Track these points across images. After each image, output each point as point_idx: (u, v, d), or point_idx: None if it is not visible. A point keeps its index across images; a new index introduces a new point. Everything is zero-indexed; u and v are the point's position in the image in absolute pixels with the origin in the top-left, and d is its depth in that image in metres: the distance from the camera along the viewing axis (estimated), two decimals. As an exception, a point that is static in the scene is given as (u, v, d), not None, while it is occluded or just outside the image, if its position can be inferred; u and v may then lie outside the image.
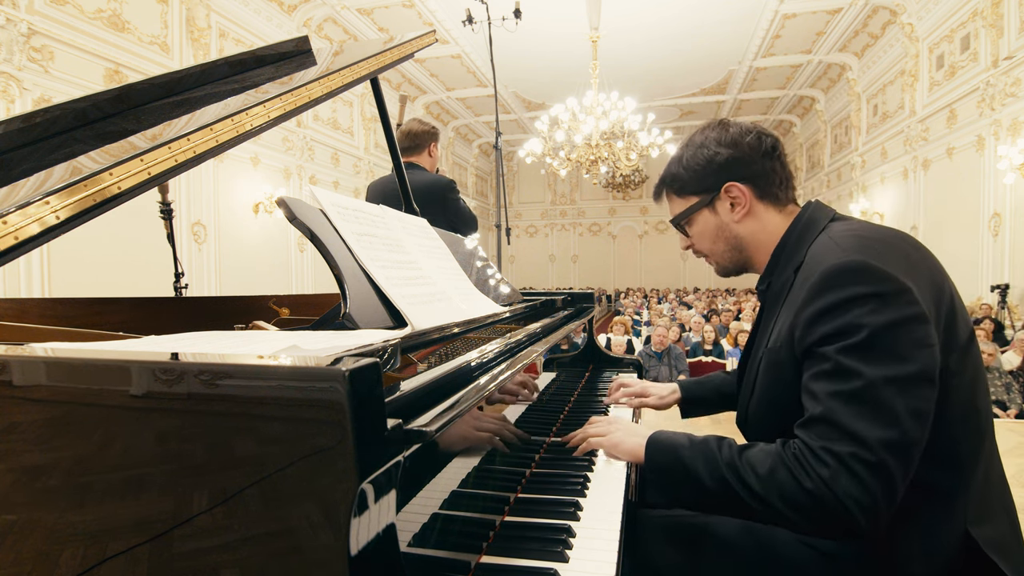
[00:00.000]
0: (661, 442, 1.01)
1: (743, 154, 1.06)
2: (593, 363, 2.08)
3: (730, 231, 1.11)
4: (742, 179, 1.07)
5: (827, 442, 0.80)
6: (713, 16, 8.63)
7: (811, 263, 0.95)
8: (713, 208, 1.11)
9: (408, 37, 1.57)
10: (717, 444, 0.94)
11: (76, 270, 5.18)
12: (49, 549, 0.55)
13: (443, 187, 2.73)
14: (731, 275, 1.21)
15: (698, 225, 1.14)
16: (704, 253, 1.19)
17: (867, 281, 0.84)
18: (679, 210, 1.15)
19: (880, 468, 0.77)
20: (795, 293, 0.96)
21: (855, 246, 0.90)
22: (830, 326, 0.85)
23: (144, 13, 5.92)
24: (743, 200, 1.08)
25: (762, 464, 0.86)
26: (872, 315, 0.82)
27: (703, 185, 1.10)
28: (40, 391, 0.58)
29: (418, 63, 10.24)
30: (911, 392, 0.80)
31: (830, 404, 0.82)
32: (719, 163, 1.07)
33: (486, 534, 0.84)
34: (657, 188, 1.20)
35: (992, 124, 7.00)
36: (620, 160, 9.15)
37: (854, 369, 0.81)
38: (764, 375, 1.02)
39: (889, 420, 0.78)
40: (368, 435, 0.49)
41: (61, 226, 0.67)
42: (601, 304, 12.33)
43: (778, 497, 0.83)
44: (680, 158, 1.13)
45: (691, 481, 0.92)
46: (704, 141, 1.09)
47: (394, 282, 1.02)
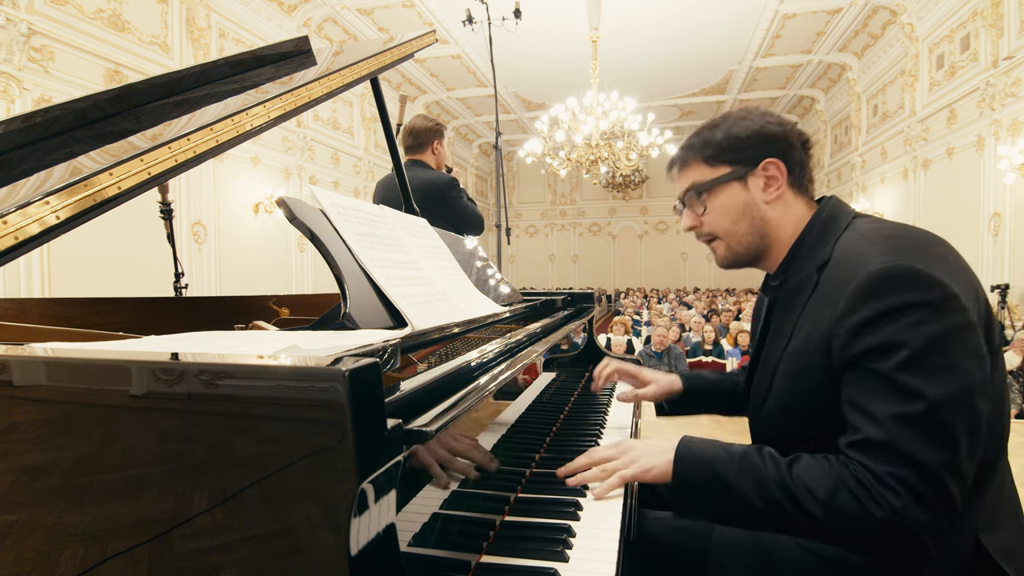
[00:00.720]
0: (694, 456, 0.92)
1: (788, 135, 1.01)
2: (593, 363, 2.08)
3: (758, 212, 1.02)
4: (783, 159, 1.00)
5: (893, 468, 0.76)
6: (713, 16, 8.62)
7: (844, 263, 0.90)
8: (745, 183, 1.02)
9: (408, 37, 1.57)
10: (760, 458, 0.87)
11: (76, 270, 5.17)
12: (49, 549, 0.55)
13: (443, 185, 2.68)
14: (737, 266, 1.10)
15: (722, 199, 1.03)
16: (715, 235, 1.07)
17: (915, 288, 0.80)
18: (704, 178, 1.04)
19: (945, 495, 0.75)
20: (825, 295, 0.91)
21: (896, 248, 0.85)
22: (877, 337, 0.80)
23: (144, 13, 5.91)
24: (779, 180, 1.01)
25: (819, 485, 0.81)
26: (922, 326, 0.78)
27: (741, 155, 1.01)
28: (40, 391, 0.58)
29: (418, 63, 10.24)
30: (970, 409, 0.77)
31: (892, 428, 0.77)
32: (766, 135, 1.00)
33: (486, 534, 0.84)
34: (678, 155, 1.09)
35: (992, 124, 7.00)
36: (620, 160, 9.14)
37: (914, 390, 0.77)
38: (784, 380, 0.97)
39: (952, 443, 0.76)
40: (368, 435, 0.49)
41: (61, 226, 0.67)
42: (601, 304, 12.33)
43: (841, 523, 0.79)
44: (718, 125, 1.04)
45: (734, 500, 0.86)
46: (748, 115, 1.02)
47: (394, 282, 1.02)
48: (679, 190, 1.10)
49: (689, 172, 1.07)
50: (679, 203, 1.11)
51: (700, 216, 1.07)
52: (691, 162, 1.06)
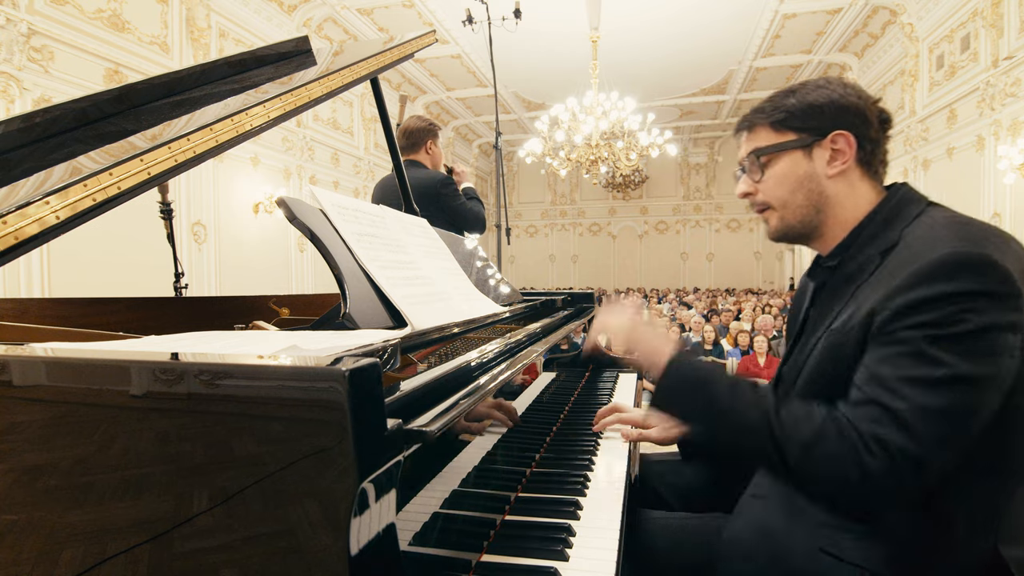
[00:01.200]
0: (687, 362, 0.96)
1: (866, 110, 0.96)
2: (593, 363, 2.08)
3: (818, 185, 0.98)
4: (855, 134, 0.96)
5: (882, 430, 0.77)
6: (713, 16, 8.62)
7: (912, 247, 0.87)
8: (809, 153, 0.98)
9: (408, 37, 1.57)
10: (754, 390, 0.90)
11: (76, 270, 5.17)
12: (49, 549, 0.55)
13: (436, 183, 2.65)
14: (787, 240, 1.06)
15: (782, 167, 1.00)
16: (769, 204, 1.04)
17: (985, 277, 0.78)
18: (768, 143, 1.01)
19: (924, 465, 0.75)
20: (883, 278, 0.88)
21: (972, 236, 0.82)
22: (928, 315, 0.78)
23: (144, 13, 5.91)
24: (846, 156, 0.96)
25: (804, 430, 0.82)
26: (979, 314, 0.76)
27: (811, 123, 0.97)
28: (40, 391, 0.58)
29: (418, 63, 10.23)
30: (981, 397, 0.77)
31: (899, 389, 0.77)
32: (841, 106, 0.96)
33: (487, 533, 0.84)
34: (749, 116, 1.05)
35: (992, 124, 7.00)
36: (620, 160, 9.14)
37: (938, 358, 0.76)
38: (819, 356, 0.94)
39: (951, 418, 0.75)
40: (368, 435, 0.49)
41: (61, 226, 0.67)
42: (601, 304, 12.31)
43: (813, 470, 0.80)
44: (792, 91, 1.00)
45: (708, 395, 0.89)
46: (828, 83, 0.98)
47: (394, 282, 1.02)
48: (741, 153, 1.06)
49: (754, 136, 1.03)
50: (739, 167, 1.08)
51: (756, 183, 1.03)
52: (758, 126, 1.03)
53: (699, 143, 16.50)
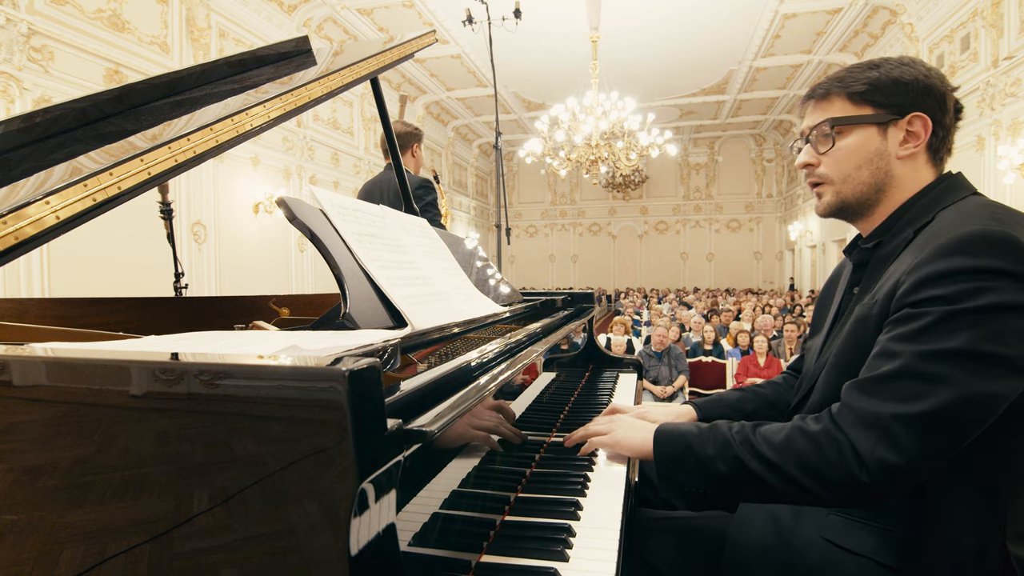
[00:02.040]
0: (669, 431, 0.96)
1: (945, 96, 0.96)
2: (593, 363, 2.08)
3: (886, 164, 0.97)
4: (932, 118, 0.95)
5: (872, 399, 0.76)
6: (713, 16, 8.63)
7: (942, 223, 0.87)
8: (884, 130, 0.96)
9: (408, 37, 1.57)
10: (728, 425, 0.90)
11: (76, 270, 5.17)
12: (49, 549, 0.55)
13: (413, 185, 2.71)
14: (838, 215, 1.04)
15: (854, 140, 0.97)
16: (828, 178, 1.01)
17: (1007, 256, 0.76)
18: (843, 114, 0.98)
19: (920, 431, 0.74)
20: (912, 251, 0.87)
21: (1000, 218, 0.81)
22: (944, 289, 0.77)
23: (144, 13, 5.91)
24: (919, 139, 0.95)
25: (777, 434, 0.83)
26: (997, 293, 0.75)
27: (893, 100, 0.95)
28: (40, 391, 0.58)
29: (418, 63, 10.24)
30: (993, 376, 0.74)
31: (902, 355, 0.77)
32: (925, 86, 0.94)
33: (486, 533, 0.84)
34: (826, 83, 1.01)
35: (992, 124, 7.00)
36: (620, 160, 9.14)
37: (949, 333, 0.75)
38: (844, 335, 0.94)
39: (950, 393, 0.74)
40: (368, 435, 0.49)
41: (61, 226, 0.67)
42: (601, 304, 12.33)
43: (795, 464, 0.80)
44: (876, 65, 0.97)
45: (703, 467, 0.88)
46: (912, 62, 0.96)
47: (394, 282, 1.02)
48: (809, 122, 1.03)
49: (828, 105, 1.00)
50: (800, 139, 1.05)
51: (821, 154, 1.01)
52: (833, 94, 1.00)
53: (699, 143, 16.51)
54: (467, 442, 0.87)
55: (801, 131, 1.05)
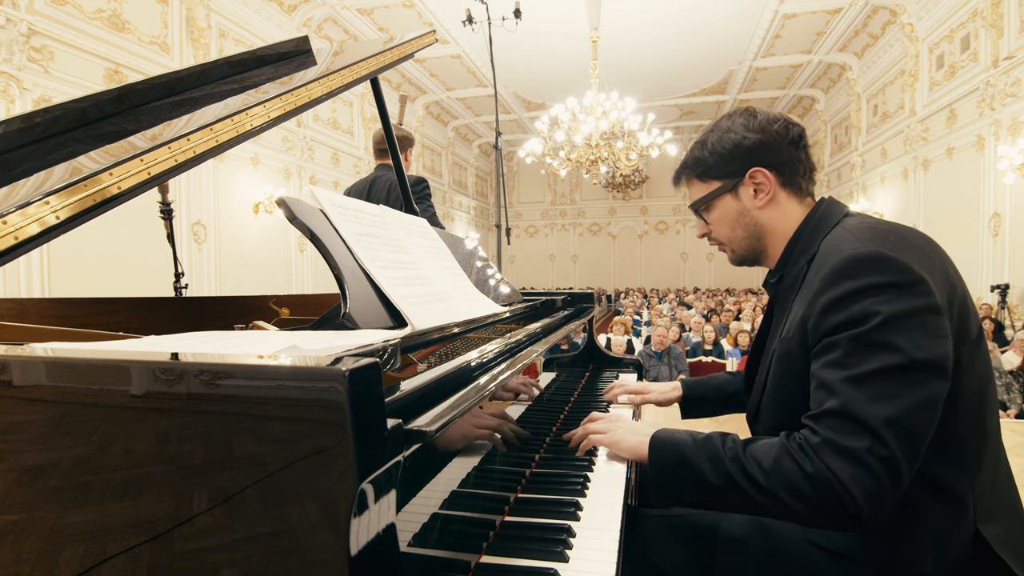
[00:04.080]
0: (664, 440, 1.00)
1: (771, 140, 1.05)
2: (593, 363, 2.08)
3: (751, 218, 1.09)
4: (768, 165, 1.05)
5: (835, 433, 0.80)
6: (713, 16, 8.63)
7: (825, 254, 0.95)
8: (736, 193, 1.09)
9: (408, 37, 1.57)
10: (721, 440, 0.93)
11: (76, 270, 5.17)
12: (49, 549, 0.55)
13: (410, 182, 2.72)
14: (745, 264, 1.19)
15: (718, 211, 1.12)
16: (721, 241, 1.17)
17: (883, 271, 0.84)
18: (700, 195, 1.13)
19: (887, 458, 0.77)
20: (808, 284, 0.96)
21: (870, 237, 0.90)
22: (844, 314, 0.85)
23: (144, 13, 5.91)
24: (767, 186, 1.06)
25: (766, 456, 0.86)
26: (886, 304, 0.82)
27: (728, 169, 1.08)
28: (40, 391, 0.58)
29: (418, 63, 10.24)
30: (922, 382, 0.80)
31: (840, 390, 0.82)
32: (746, 147, 1.05)
33: (486, 534, 0.84)
34: (677, 173, 1.18)
35: (992, 124, 7.00)
36: (620, 160, 9.14)
37: (865, 356, 0.81)
38: (775, 368, 1.01)
39: (897, 408, 0.78)
40: (368, 435, 0.49)
41: (61, 226, 0.67)
42: (601, 304, 12.33)
43: (784, 488, 0.83)
44: (704, 142, 1.11)
45: (696, 478, 0.92)
46: (731, 126, 1.07)
47: (394, 282, 1.02)
48: (689, 201, 1.19)
49: (690, 187, 1.16)
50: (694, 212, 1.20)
51: (707, 225, 1.17)
52: (687, 181, 1.16)
53: (699, 143, 16.47)
54: (470, 442, 0.87)
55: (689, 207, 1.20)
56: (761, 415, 1.07)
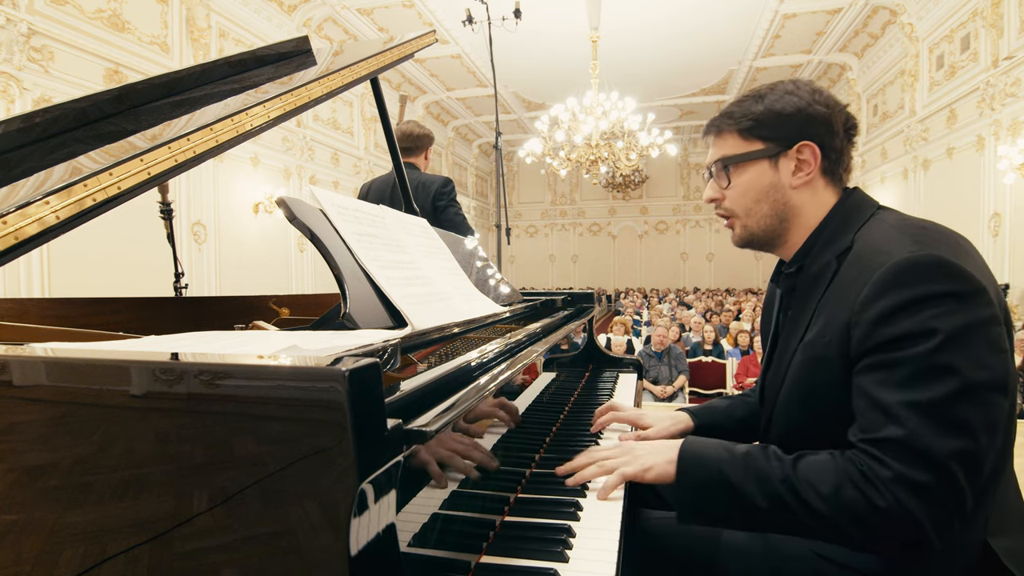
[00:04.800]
0: (697, 454, 0.90)
1: (832, 119, 0.96)
2: (593, 363, 2.08)
3: (782, 195, 0.98)
4: (820, 144, 0.96)
5: (905, 467, 0.75)
6: (713, 16, 8.62)
7: (867, 252, 0.87)
8: (775, 163, 0.97)
9: (408, 37, 1.57)
10: (764, 456, 0.86)
11: (76, 270, 5.17)
12: (49, 549, 0.55)
13: (438, 182, 2.70)
14: (751, 247, 1.06)
15: (748, 176, 0.99)
16: (733, 212, 1.03)
17: (943, 279, 0.78)
18: (734, 152, 1.00)
19: (954, 488, 0.74)
20: (846, 284, 0.88)
21: (923, 239, 0.82)
22: (901, 327, 0.78)
23: (144, 13, 5.91)
24: (811, 166, 0.96)
25: (823, 481, 0.80)
26: (947, 317, 0.76)
27: (779, 133, 0.96)
28: (40, 391, 0.58)
29: (418, 63, 10.23)
30: (987, 401, 0.75)
31: (904, 416, 0.76)
32: (808, 116, 0.95)
33: (486, 534, 0.84)
34: (715, 122, 1.03)
35: (992, 124, 7.00)
36: (620, 160, 9.14)
37: (928, 380, 0.75)
38: (798, 371, 0.94)
39: (965, 435, 0.74)
40: (368, 435, 0.49)
41: (61, 226, 0.67)
42: (601, 304, 12.32)
43: (847, 518, 0.78)
44: (762, 96, 0.98)
45: (739, 500, 0.84)
46: (796, 90, 0.97)
47: (394, 282, 1.02)
48: (709, 158, 1.05)
49: (721, 142, 1.02)
50: (707, 171, 1.07)
51: (723, 189, 1.03)
52: (725, 131, 1.01)
53: (699, 143, 16.48)
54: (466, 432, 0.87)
55: (706, 166, 1.06)
56: (777, 416, 1.00)
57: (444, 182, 2.74)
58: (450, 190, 2.74)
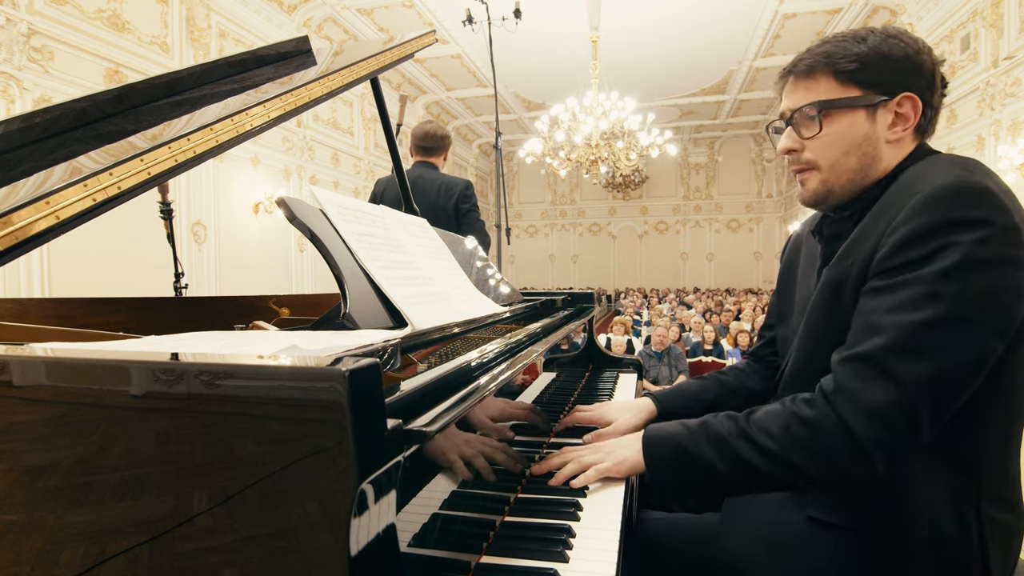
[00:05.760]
0: (656, 436, 0.94)
1: (935, 72, 0.88)
2: (593, 363, 2.08)
3: (875, 149, 0.89)
4: (922, 98, 0.88)
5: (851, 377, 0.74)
6: (713, 16, 8.62)
7: (910, 179, 0.83)
8: (873, 113, 0.88)
9: (408, 37, 1.57)
10: (718, 419, 0.87)
11: (76, 270, 5.17)
12: (49, 549, 0.55)
13: (461, 185, 2.74)
14: (821, 205, 0.96)
15: (840, 125, 0.89)
16: (815, 163, 0.92)
17: (983, 207, 0.73)
18: (829, 96, 0.89)
19: (908, 413, 0.72)
20: (882, 210, 0.83)
21: (976, 169, 0.78)
22: (924, 249, 0.74)
23: (144, 13, 5.91)
24: (910, 120, 0.88)
25: (774, 422, 0.81)
26: (975, 245, 0.72)
27: (882, 79, 0.87)
28: (40, 391, 0.58)
29: (418, 63, 10.23)
30: (980, 338, 0.73)
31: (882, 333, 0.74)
32: (916, 64, 0.87)
33: (486, 534, 0.84)
34: (809, 59, 0.91)
35: (992, 124, 7.00)
36: (620, 160, 9.14)
37: (930, 301, 0.72)
38: (818, 299, 0.90)
39: (940, 365, 0.72)
40: (368, 435, 0.49)
41: (61, 226, 0.67)
42: (601, 304, 12.32)
43: (797, 449, 0.77)
44: (863, 38, 0.88)
45: (699, 469, 0.86)
46: (901, 36, 0.88)
47: (394, 282, 1.02)
48: (791, 102, 0.94)
49: (813, 83, 0.91)
50: (780, 121, 0.96)
51: (806, 139, 0.92)
52: (819, 72, 0.90)
53: (699, 143, 16.50)
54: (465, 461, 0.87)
55: (782, 112, 0.96)
56: (794, 358, 0.97)
57: (467, 185, 2.77)
58: (472, 194, 2.79)
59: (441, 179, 2.76)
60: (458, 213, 2.69)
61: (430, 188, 2.75)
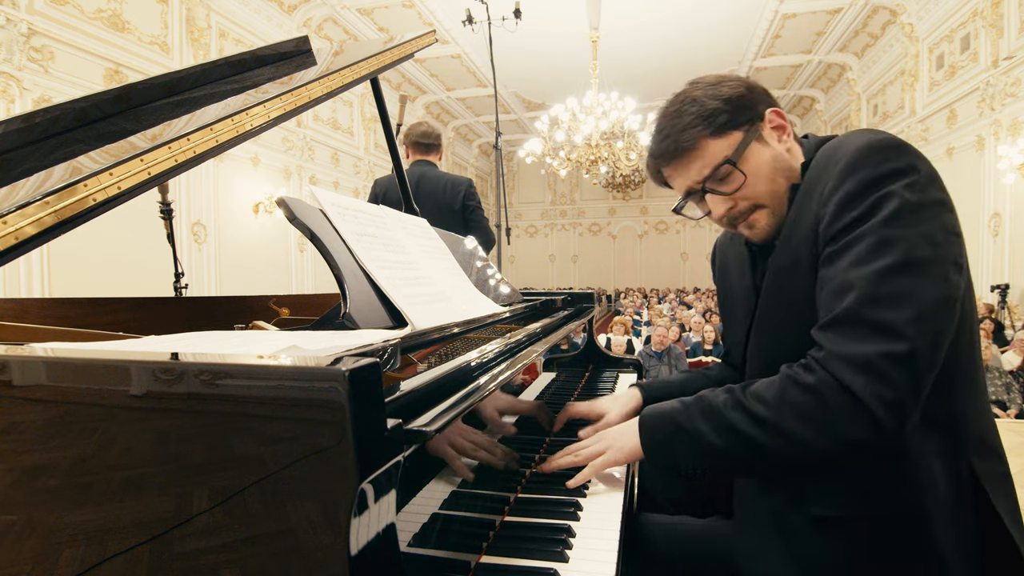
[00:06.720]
0: (652, 416, 0.93)
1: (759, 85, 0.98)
2: (593, 363, 2.08)
3: (786, 160, 0.95)
4: (777, 108, 0.97)
5: (839, 337, 0.74)
6: (713, 16, 8.63)
7: (828, 152, 0.88)
8: (762, 138, 0.95)
9: (408, 37, 1.57)
10: (714, 393, 0.87)
11: (76, 270, 5.17)
12: (49, 549, 0.55)
13: (465, 184, 2.79)
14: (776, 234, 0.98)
15: (753, 161, 0.93)
16: (759, 201, 0.96)
17: (905, 155, 0.79)
18: (727, 152, 0.93)
19: (904, 358, 0.71)
20: (810, 186, 0.88)
21: (885, 130, 0.85)
22: (864, 206, 0.78)
23: (144, 13, 5.91)
24: (787, 127, 0.96)
25: (769, 390, 0.80)
26: (907, 190, 0.76)
27: (747, 115, 0.94)
28: (40, 391, 0.58)
29: (418, 63, 10.24)
30: (944, 276, 0.75)
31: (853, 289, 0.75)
32: (752, 86, 0.96)
33: (486, 534, 0.84)
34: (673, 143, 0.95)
35: (992, 124, 7.00)
36: (620, 160, 9.14)
37: (881, 249, 0.75)
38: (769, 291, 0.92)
39: (919, 304, 0.73)
40: (368, 435, 0.49)
41: (61, 226, 0.67)
42: (601, 304, 12.33)
43: (794, 417, 0.76)
44: (696, 99, 0.94)
45: (694, 444, 0.85)
46: (719, 80, 0.97)
47: (394, 282, 1.02)
48: (689, 178, 0.97)
49: (702, 154, 0.95)
50: (694, 193, 0.99)
51: (735, 193, 0.95)
52: (699, 143, 0.94)
53: (699, 143, 16.47)
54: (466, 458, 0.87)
55: (687, 190, 0.99)
56: (754, 344, 0.99)
57: (470, 183, 2.82)
58: (475, 192, 2.83)
59: (445, 177, 2.80)
60: (465, 211, 2.73)
61: (435, 186, 2.79)
